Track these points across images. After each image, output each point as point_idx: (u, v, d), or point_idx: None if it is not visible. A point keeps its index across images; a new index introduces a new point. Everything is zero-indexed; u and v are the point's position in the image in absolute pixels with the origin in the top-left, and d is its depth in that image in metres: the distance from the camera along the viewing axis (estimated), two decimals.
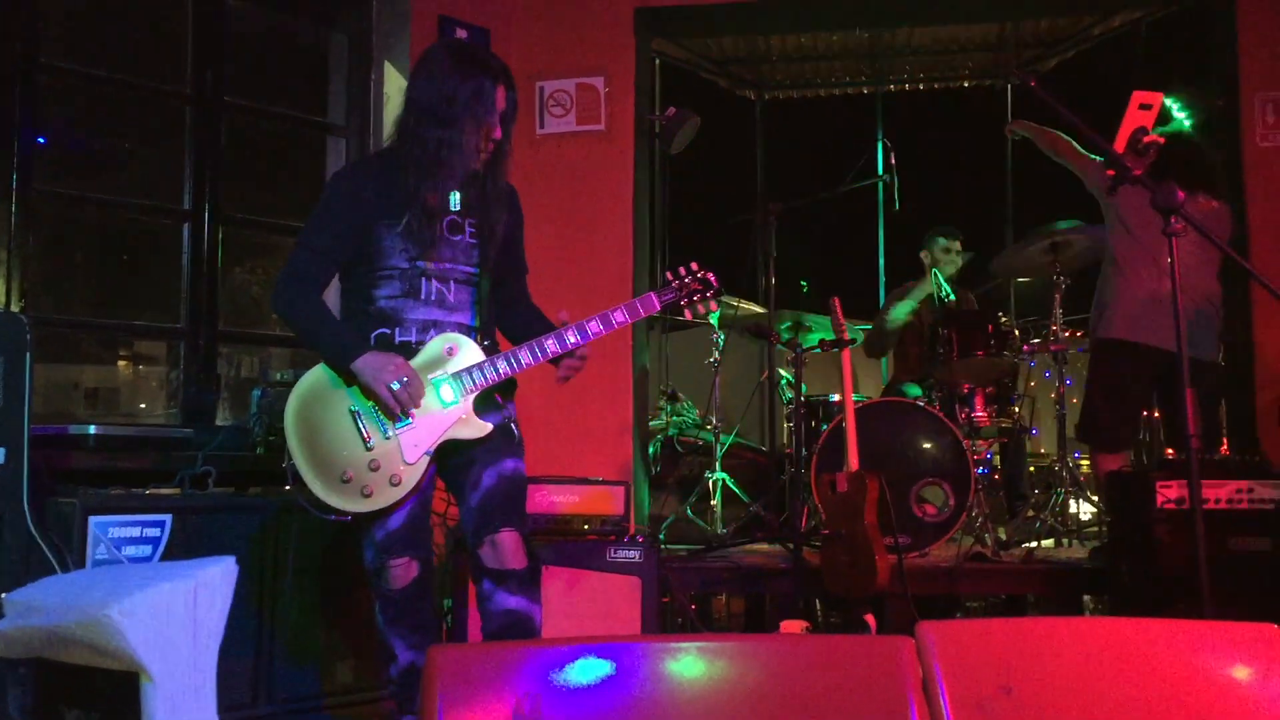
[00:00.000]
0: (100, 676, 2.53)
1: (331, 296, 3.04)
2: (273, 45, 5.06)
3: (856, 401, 4.47)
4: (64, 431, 3.60)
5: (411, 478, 2.91)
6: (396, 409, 2.87)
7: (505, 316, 3.21)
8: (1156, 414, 5.13)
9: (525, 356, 2.98)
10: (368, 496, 2.88)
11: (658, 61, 6.91)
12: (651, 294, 3.09)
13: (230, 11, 4.67)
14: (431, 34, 4.92)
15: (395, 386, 2.84)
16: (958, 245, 5.94)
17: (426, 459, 2.92)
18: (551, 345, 2.98)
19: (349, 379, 2.91)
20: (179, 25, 4.56)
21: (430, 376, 2.94)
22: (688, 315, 3.18)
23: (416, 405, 2.88)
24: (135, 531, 3.29)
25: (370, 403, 2.90)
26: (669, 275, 3.14)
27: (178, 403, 4.54)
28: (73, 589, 2.73)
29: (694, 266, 3.12)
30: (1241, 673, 1.65)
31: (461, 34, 5.08)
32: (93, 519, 3.22)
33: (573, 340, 2.98)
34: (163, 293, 4.65)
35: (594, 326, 2.99)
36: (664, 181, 6.91)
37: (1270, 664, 1.66)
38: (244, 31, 4.79)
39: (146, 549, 3.30)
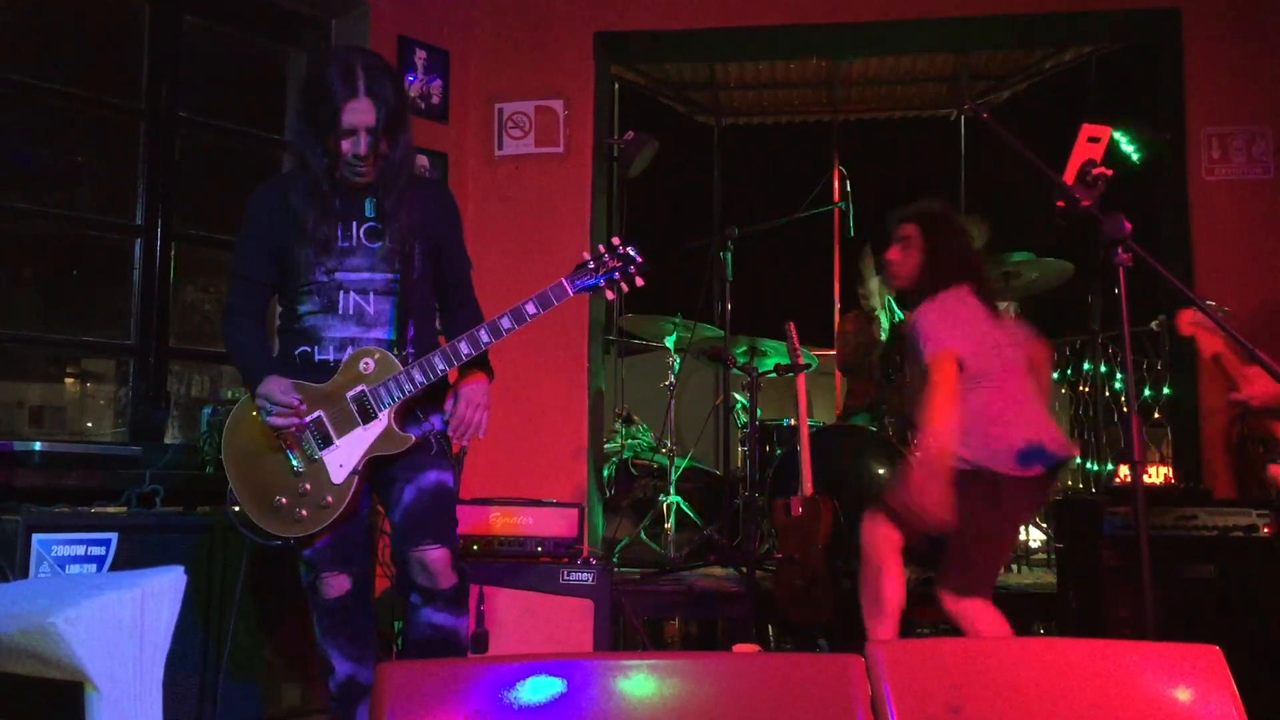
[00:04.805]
0: (44, 686, 2.48)
1: None
2: (230, 62, 5.03)
3: (811, 426, 4.49)
4: (9, 448, 3.54)
5: (340, 498, 2.90)
6: (291, 431, 2.88)
7: (449, 321, 3.17)
8: (1104, 441, 5.19)
9: (440, 363, 2.92)
10: (300, 521, 2.90)
11: (617, 86, 6.95)
12: (562, 280, 2.95)
13: (187, 27, 4.64)
14: (391, 54, 4.91)
15: (274, 421, 2.86)
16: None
17: (355, 478, 2.92)
18: (465, 348, 2.91)
19: None
20: (135, 39, 4.52)
21: (349, 394, 2.92)
22: (609, 295, 2.99)
23: (297, 417, 2.87)
24: (80, 550, 3.24)
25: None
26: (585, 255, 2.99)
27: (126, 421, 4.48)
28: (16, 598, 2.68)
29: (615, 242, 2.99)
30: (1184, 694, 1.68)
31: (421, 55, 5.08)
32: (36, 537, 3.16)
33: (485, 339, 2.91)
34: (113, 309, 4.59)
35: (505, 323, 2.90)
36: (621, 205, 6.94)
37: (1212, 685, 1.68)
38: (201, 47, 4.76)
39: (91, 568, 3.24)
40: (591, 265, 2.96)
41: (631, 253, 2.98)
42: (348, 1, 4.96)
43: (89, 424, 5.11)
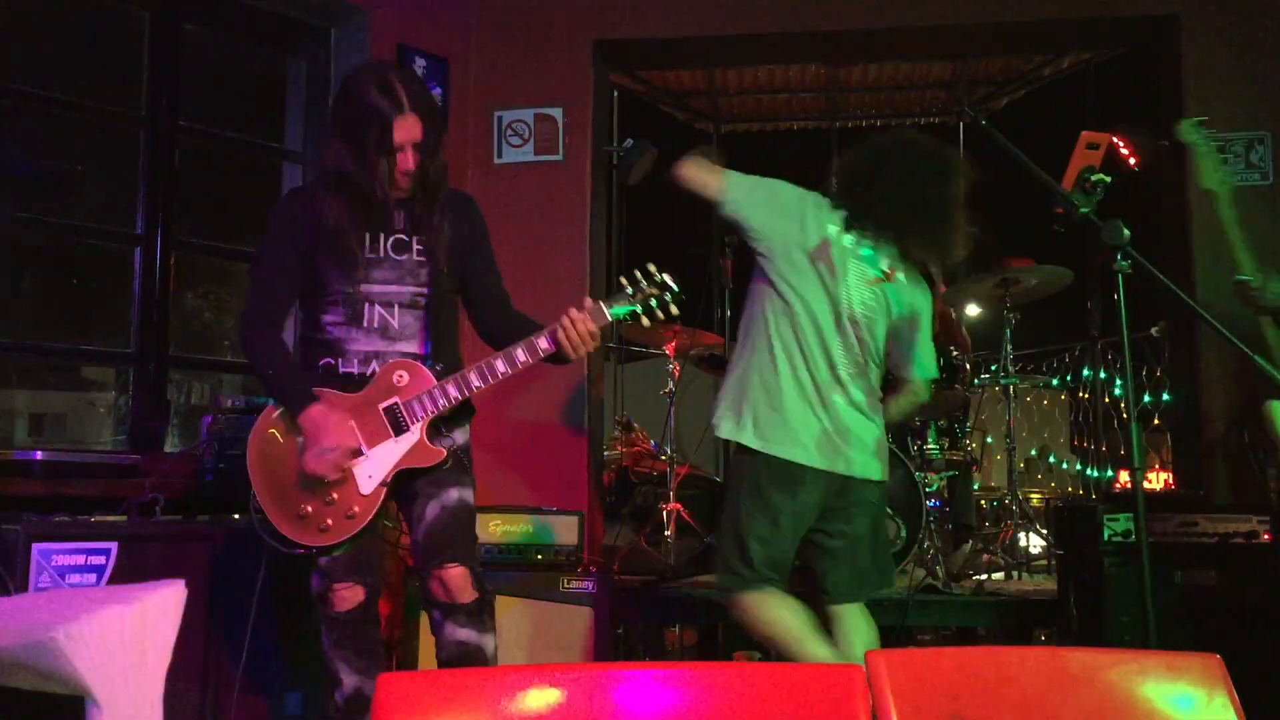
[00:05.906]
0: (45, 700, 2.48)
1: None
2: (230, 70, 5.04)
3: None
4: (8, 457, 3.54)
5: (367, 510, 2.90)
6: (324, 476, 2.85)
7: (490, 326, 3.15)
8: (1104, 447, 5.19)
9: (475, 379, 2.91)
10: (325, 531, 2.89)
11: (616, 93, 6.96)
12: (600, 304, 2.93)
13: (187, 36, 4.64)
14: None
15: (316, 470, 2.83)
16: None
17: (383, 490, 2.91)
18: (501, 366, 2.91)
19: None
20: (135, 48, 4.52)
21: (381, 406, 2.92)
22: (644, 322, 2.94)
23: (332, 474, 2.85)
24: (80, 559, 3.23)
25: None
26: (623, 281, 2.95)
27: (126, 429, 4.48)
28: (17, 612, 2.68)
29: (651, 269, 2.95)
30: (1185, 702, 1.68)
31: (420, 63, 5.09)
32: (36, 546, 3.15)
33: (522, 359, 2.90)
34: (113, 318, 4.59)
35: (542, 343, 2.91)
36: (621, 212, 6.95)
37: (1213, 693, 1.68)
38: (201, 56, 4.76)
39: (91, 577, 3.23)
40: (629, 291, 2.95)
41: (668, 280, 2.95)
42: (348, 10, 4.96)
43: (87, 432, 5.12)
